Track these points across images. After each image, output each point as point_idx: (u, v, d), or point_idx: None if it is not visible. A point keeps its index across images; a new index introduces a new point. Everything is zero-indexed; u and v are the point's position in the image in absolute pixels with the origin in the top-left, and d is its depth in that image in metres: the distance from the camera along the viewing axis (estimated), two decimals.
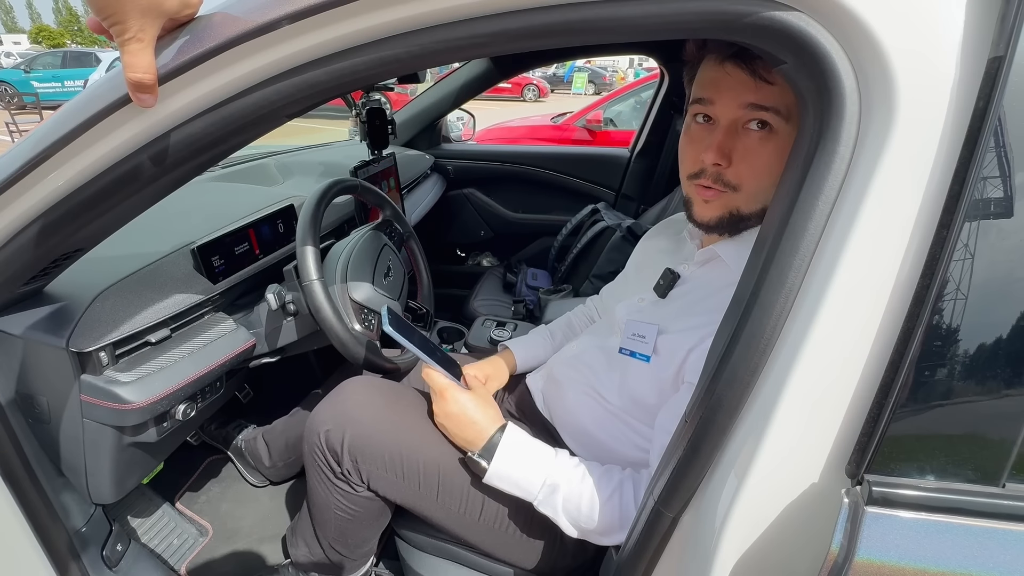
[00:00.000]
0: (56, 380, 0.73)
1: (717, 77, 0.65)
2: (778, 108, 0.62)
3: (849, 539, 0.40)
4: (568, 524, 0.72)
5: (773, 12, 0.41)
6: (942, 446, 0.41)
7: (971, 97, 0.38)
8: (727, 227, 0.71)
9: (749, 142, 0.64)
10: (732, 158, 0.65)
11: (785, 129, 0.62)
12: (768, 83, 0.61)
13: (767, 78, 0.61)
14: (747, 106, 0.63)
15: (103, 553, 0.87)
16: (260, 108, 0.50)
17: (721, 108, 0.65)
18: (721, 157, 0.65)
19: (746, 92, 0.62)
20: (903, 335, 0.40)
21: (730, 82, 0.63)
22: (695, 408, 0.51)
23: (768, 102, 0.62)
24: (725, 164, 0.66)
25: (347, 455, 0.79)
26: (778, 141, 0.63)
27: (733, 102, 0.64)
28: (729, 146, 0.65)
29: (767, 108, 0.62)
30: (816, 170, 0.43)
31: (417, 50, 0.47)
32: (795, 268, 0.44)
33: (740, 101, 0.63)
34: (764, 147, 0.64)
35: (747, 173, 0.66)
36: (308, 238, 0.89)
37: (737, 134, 0.65)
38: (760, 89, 0.62)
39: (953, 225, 0.38)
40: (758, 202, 0.67)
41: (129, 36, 0.44)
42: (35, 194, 0.54)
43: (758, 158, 0.64)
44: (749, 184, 0.66)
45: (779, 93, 0.61)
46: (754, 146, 0.64)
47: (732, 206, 0.68)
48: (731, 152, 0.65)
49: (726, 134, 0.65)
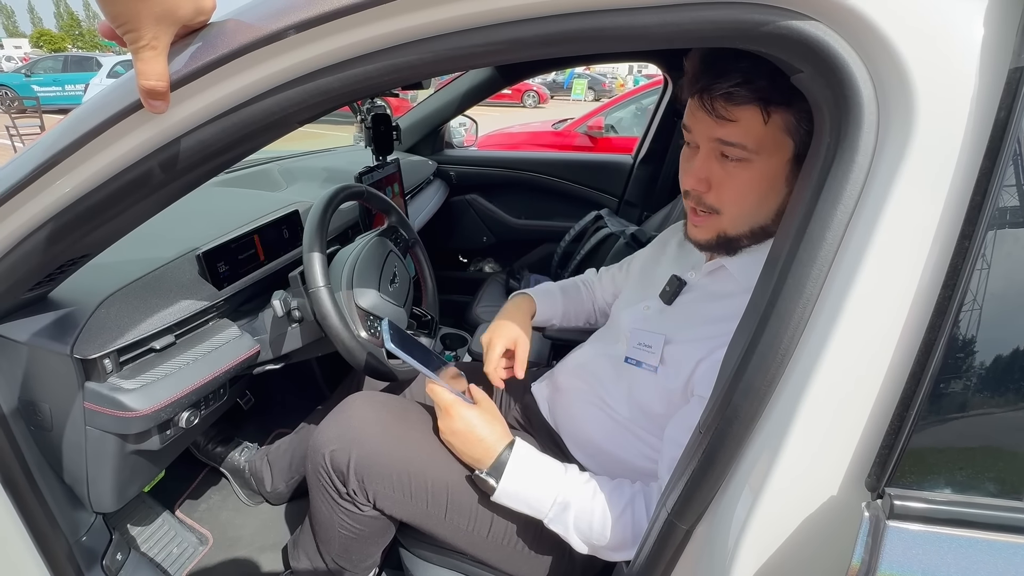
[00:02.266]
0: (59, 387, 0.72)
1: (691, 108, 0.68)
2: (744, 144, 0.63)
3: (871, 553, 0.40)
4: (579, 541, 0.71)
5: (790, 21, 0.41)
6: (963, 459, 0.40)
7: (992, 107, 0.38)
8: (719, 248, 0.73)
9: (726, 170, 0.66)
10: (711, 183, 0.68)
11: (758, 159, 0.64)
12: (728, 120, 0.63)
13: (726, 115, 0.63)
14: (714, 140, 0.66)
15: (103, 563, 0.86)
16: (271, 114, 0.50)
17: (698, 137, 0.68)
18: (699, 183, 0.68)
19: (710, 127, 0.65)
20: (924, 346, 0.40)
21: (699, 116, 0.66)
22: (710, 419, 0.51)
23: (731, 138, 0.64)
24: (704, 189, 0.68)
25: (353, 475, 0.77)
26: (752, 169, 0.65)
27: (703, 134, 0.67)
28: (706, 172, 0.68)
29: (732, 144, 0.64)
30: (834, 179, 0.43)
31: (431, 57, 0.47)
32: (813, 278, 0.44)
33: (707, 135, 0.66)
34: (740, 174, 0.66)
35: (726, 198, 0.68)
36: (315, 244, 0.88)
37: (715, 160, 0.67)
38: (722, 126, 0.64)
39: (975, 235, 0.37)
40: (744, 224, 0.69)
41: (143, 43, 0.43)
42: (44, 198, 0.53)
43: (734, 184, 0.66)
44: (729, 208, 0.68)
45: (741, 130, 0.63)
46: (731, 172, 0.66)
47: (719, 228, 0.70)
48: (709, 178, 0.68)
49: (703, 161, 0.68)
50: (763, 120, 0.61)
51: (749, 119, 0.62)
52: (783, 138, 0.62)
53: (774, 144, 0.63)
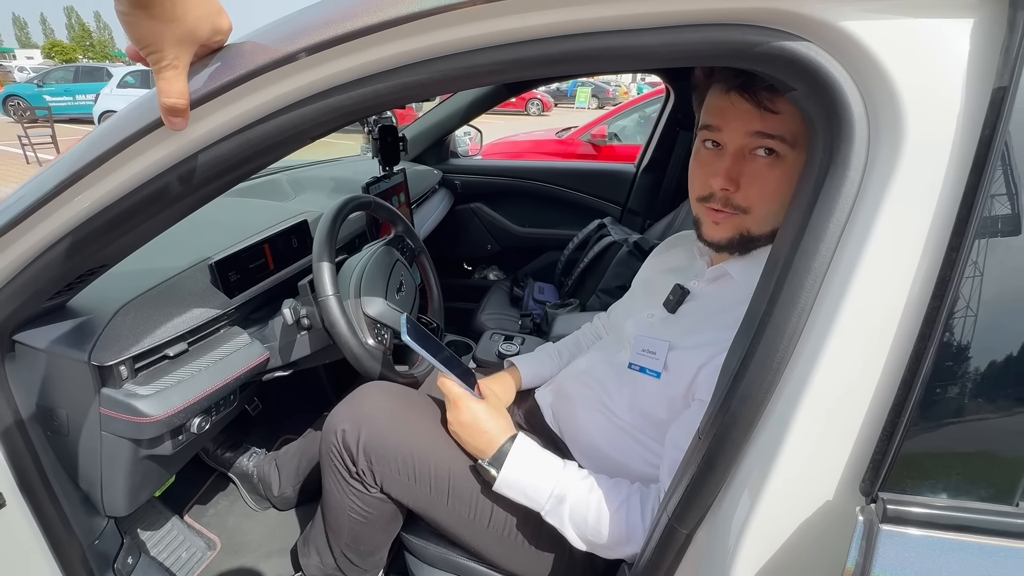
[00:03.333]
0: (76, 393, 0.74)
1: (723, 106, 0.66)
2: (783, 136, 0.63)
3: (865, 557, 0.41)
4: (575, 535, 0.72)
5: (784, 42, 0.43)
6: (956, 464, 0.41)
7: (977, 125, 0.39)
8: (737, 247, 0.72)
9: (757, 167, 0.66)
10: (740, 183, 0.67)
11: (791, 155, 0.64)
12: (773, 112, 0.62)
13: (771, 107, 0.62)
14: (753, 134, 0.64)
15: (114, 566, 0.87)
16: (286, 131, 0.52)
17: (728, 135, 0.67)
18: (729, 183, 0.67)
19: (751, 121, 0.64)
20: (915, 354, 0.41)
21: (736, 111, 0.65)
22: (709, 424, 0.52)
23: (773, 130, 0.63)
24: (733, 189, 0.67)
25: (362, 455, 0.81)
26: (785, 166, 0.64)
27: (739, 130, 0.65)
28: (737, 171, 0.66)
29: (773, 136, 0.63)
30: (827, 193, 0.45)
31: (439, 76, 0.49)
32: (807, 288, 0.45)
33: (746, 129, 0.65)
34: (771, 172, 0.65)
35: (756, 197, 0.67)
36: (324, 254, 0.91)
37: (744, 159, 0.66)
38: (765, 118, 0.63)
39: (963, 247, 0.39)
40: (768, 224, 0.69)
41: (165, 64, 0.46)
42: (67, 211, 0.56)
43: (766, 183, 0.66)
44: (758, 207, 0.67)
45: (784, 121, 0.62)
46: (762, 171, 0.65)
47: (743, 227, 0.69)
48: (739, 177, 0.67)
49: (734, 160, 0.67)
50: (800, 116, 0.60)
51: (791, 112, 0.61)
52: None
53: (806, 140, 0.62)
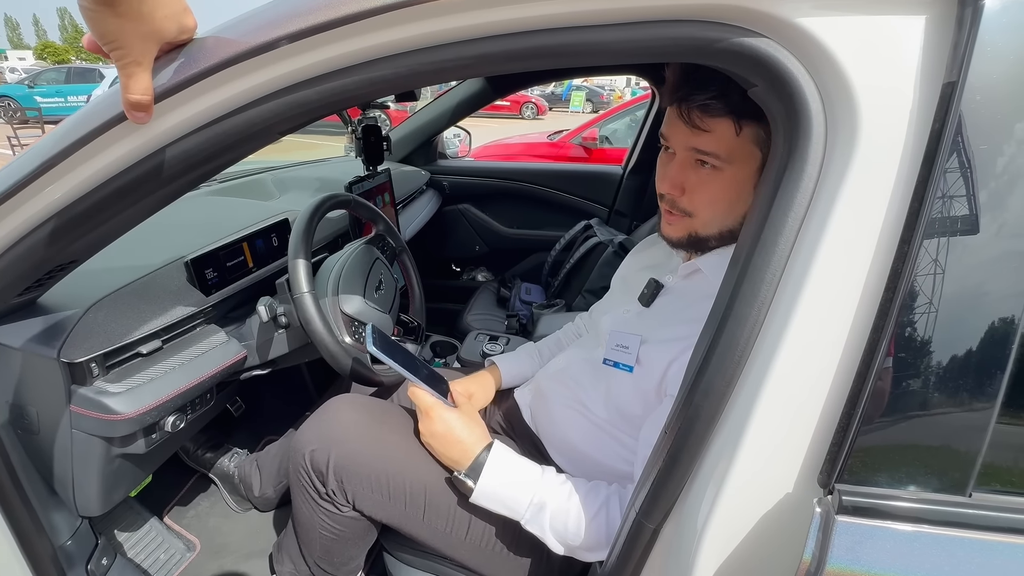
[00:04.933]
0: (46, 390, 0.73)
1: (670, 117, 0.71)
2: (717, 153, 0.67)
3: (820, 548, 0.41)
4: (555, 542, 0.72)
5: (743, 39, 0.43)
6: (910, 456, 0.42)
7: (928, 119, 0.40)
8: (690, 246, 0.76)
9: (700, 176, 0.70)
10: (685, 188, 0.71)
11: (729, 168, 0.67)
12: (703, 131, 0.66)
13: (701, 127, 0.66)
14: (690, 149, 0.69)
15: (88, 567, 0.86)
16: (253, 126, 0.52)
17: (674, 145, 0.72)
18: (674, 188, 0.72)
19: (687, 137, 0.68)
20: (869, 347, 0.42)
21: (676, 125, 0.69)
22: (674, 419, 0.52)
23: (705, 147, 0.67)
24: (678, 194, 0.72)
25: (332, 475, 0.78)
26: (724, 177, 0.68)
27: (680, 143, 0.70)
28: (682, 178, 0.71)
29: (706, 153, 0.67)
30: (786, 188, 0.45)
31: (405, 71, 0.49)
32: (767, 281, 0.46)
33: (684, 144, 0.69)
34: (712, 181, 0.69)
35: (698, 202, 0.71)
36: (300, 251, 0.90)
37: (690, 167, 0.70)
38: (697, 136, 0.67)
39: (914, 240, 0.39)
40: (714, 226, 0.72)
41: (129, 60, 0.45)
42: (32, 206, 0.55)
43: (707, 190, 0.70)
44: (701, 212, 0.71)
45: (715, 140, 0.66)
46: (704, 179, 0.69)
47: (690, 229, 0.73)
48: (684, 183, 0.71)
49: (679, 167, 0.71)
50: (735, 132, 0.64)
51: (723, 130, 0.65)
52: (752, 149, 0.66)
53: (744, 154, 0.66)
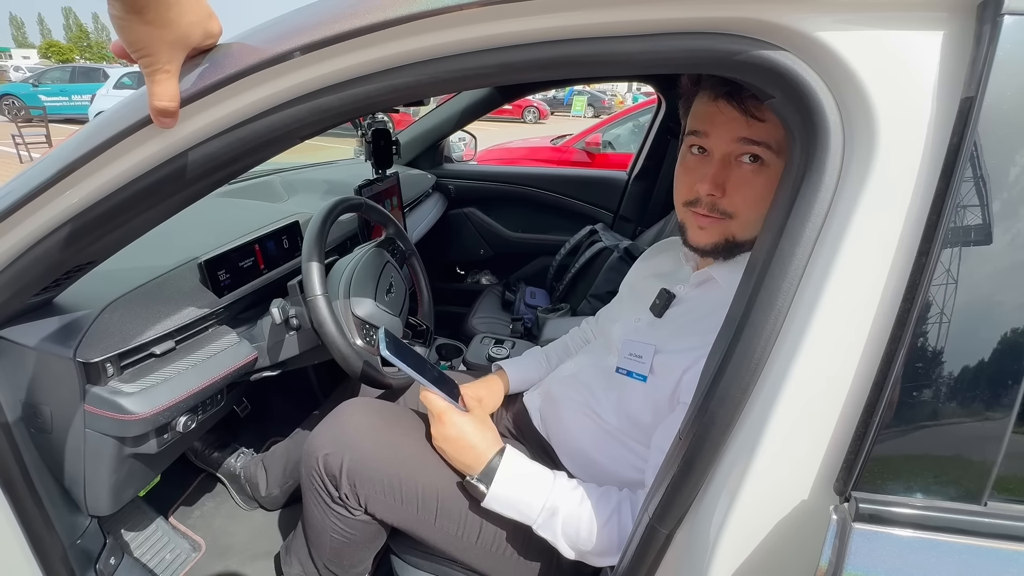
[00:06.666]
0: (61, 390, 0.73)
1: (711, 112, 0.68)
2: (768, 143, 0.64)
3: (837, 555, 0.41)
4: (567, 547, 0.72)
5: (762, 51, 0.44)
6: (926, 465, 0.42)
7: (946, 133, 0.40)
8: (722, 252, 0.73)
9: (742, 173, 0.67)
10: (726, 188, 0.68)
11: (776, 162, 0.65)
12: (759, 119, 0.64)
13: (757, 115, 0.64)
14: (739, 140, 0.66)
15: (96, 567, 0.86)
16: (275, 130, 0.53)
17: (715, 141, 0.68)
18: (715, 188, 0.68)
19: (738, 128, 0.65)
20: (886, 356, 0.42)
21: (723, 118, 0.66)
22: (689, 426, 0.53)
23: (759, 137, 0.64)
24: (719, 194, 0.68)
25: (345, 479, 0.79)
26: (769, 173, 0.66)
27: (726, 136, 0.67)
28: (723, 177, 0.68)
29: (758, 143, 0.65)
30: (803, 198, 0.46)
31: (428, 79, 0.50)
32: (784, 291, 0.46)
33: (732, 136, 0.66)
34: (756, 178, 0.66)
35: (741, 202, 0.68)
36: (314, 254, 0.91)
37: (730, 166, 0.68)
38: (751, 125, 0.64)
39: (932, 252, 0.40)
40: (752, 229, 0.69)
41: (157, 68, 0.46)
42: (56, 206, 0.56)
43: (751, 189, 0.67)
44: (743, 212, 0.69)
45: (769, 129, 0.64)
46: (747, 177, 0.67)
47: (728, 232, 0.70)
48: (725, 182, 0.68)
49: (720, 166, 0.68)
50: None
51: (776, 120, 0.60)
52: None
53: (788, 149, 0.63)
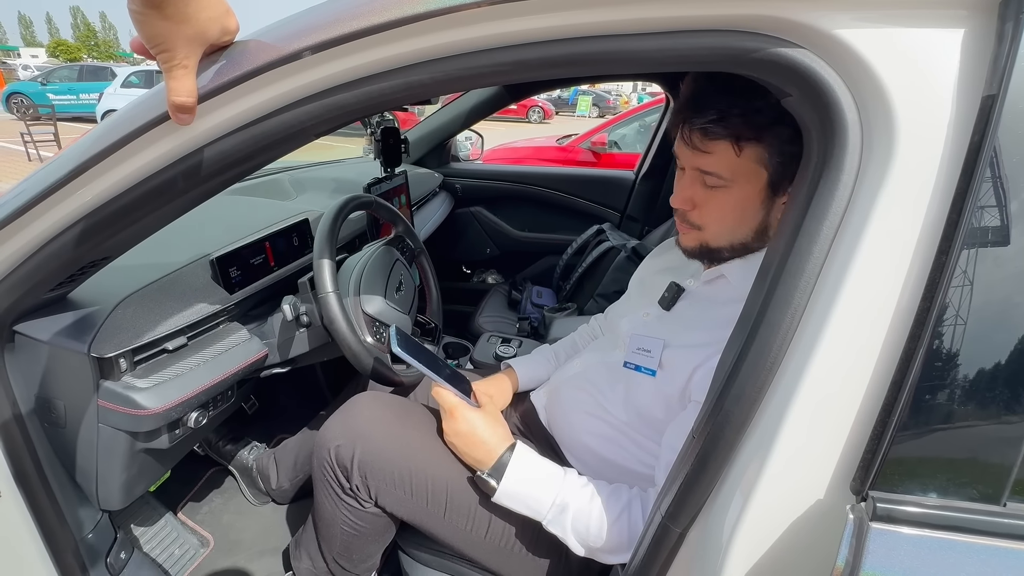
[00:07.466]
0: (75, 384, 0.74)
1: (678, 137, 0.74)
2: (718, 173, 0.70)
3: (854, 554, 0.41)
4: (577, 543, 0.72)
5: (780, 49, 0.44)
6: (944, 465, 0.42)
7: (967, 132, 0.40)
8: (702, 256, 0.79)
9: (706, 193, 0.73)
10: (695, 203, 0.75)
11: (734, 186, 0.70)
12: (704, 152, 0.69)
13: (701, 148, 0.69)
14: (695, 168, 0.72)
15: (107, 560, 0.87)
16: (290, 127, 0.53)
17: (684, 162, 0.75)
18: (684, 203, 0.75)
19: (691, 157, 0.72)
20: (904, 356, 0.42)
21: (681, 146, 0.73)
22: (703, 424, 0.53)
23: (707, 168, 0.70)
24: (688, 207, 0.75)
25: (356, 471, 0.79)
26: (729, 194, 0.71)
27: (686, 162, 0.74)
28: (691, 194, 0.74)
29: (709, 173, 0.70)
30: (820, 196, 0.46)
31: (442, 76, 0.50)
32: (800, 289, 0.46)
33: (689, 163, 0.73)
34: (718, 198, 0.72)
35: (707, 217, 0.75)
36: (325, 251, 0.91)
37: (698, 184, 0.73)
38: (698, 157, 0.70)
39: (952, 251, 0.40)
40: (724, 240, 0.75)
41: (175, 63, 0.46)
42: (73, 202, 0.56)
43: (714, 206, 0.73)
44: (710, 226, 0.75)
45: (715, 160, 0.69)
46: (710, 196, 0.73)
47: (701, 240, 0.77)
48: (692, 198, 0.74)
49: (688, 184, 0.74)
50: (735, 153, 0.67)
51: (722, 152, 0.68)
52: (756, 168, 0.68)
53: (748, 173, 0.69)
